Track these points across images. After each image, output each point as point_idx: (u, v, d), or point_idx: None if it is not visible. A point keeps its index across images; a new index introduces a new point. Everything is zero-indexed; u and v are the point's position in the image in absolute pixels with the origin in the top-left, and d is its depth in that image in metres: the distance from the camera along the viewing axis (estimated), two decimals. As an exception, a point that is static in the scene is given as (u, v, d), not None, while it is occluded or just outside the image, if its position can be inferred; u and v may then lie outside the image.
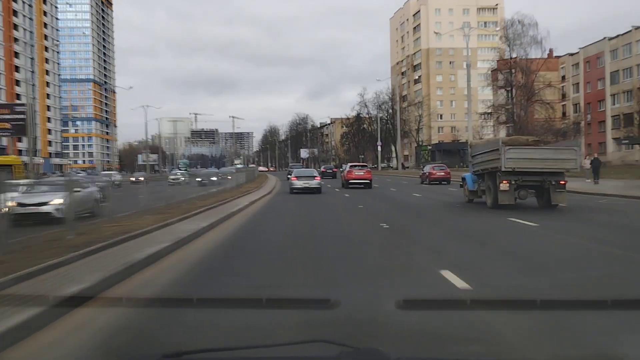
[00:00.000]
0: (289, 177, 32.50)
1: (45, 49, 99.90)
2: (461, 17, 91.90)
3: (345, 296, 5.44)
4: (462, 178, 20.75)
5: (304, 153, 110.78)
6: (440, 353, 3.97)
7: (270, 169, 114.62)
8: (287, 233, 11.99)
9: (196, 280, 7.01)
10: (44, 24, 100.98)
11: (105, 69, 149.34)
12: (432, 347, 4.09)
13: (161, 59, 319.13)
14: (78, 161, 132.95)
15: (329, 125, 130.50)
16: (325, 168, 57.18)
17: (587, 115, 63.41)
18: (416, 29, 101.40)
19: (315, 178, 28.15)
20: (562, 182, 16.39)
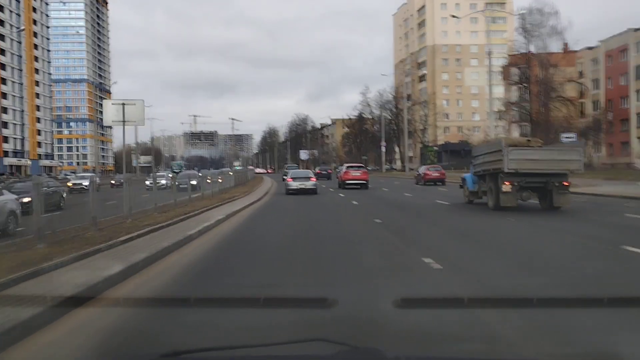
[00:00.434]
0: (284, 179, 32.47)
1: (34, 46, 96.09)
2: (468, 12, 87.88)
3: (343, 295, 5.47)
4: (462, 179, 20.59)
5: (303, 154, 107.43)
6: (438, 351, 4.02)
7: (269, 171, 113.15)
8: (285, 235, 11.68)
9: None
10: (33, 21, 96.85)
11: (100, 69, 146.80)
12: (430, 346, 4.06)
13: (161, 61, 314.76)
14: (72, 163, 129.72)
15: (329, 126, 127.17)
16: (320, 169, 57.71)
17: (609, 113, 58.70)
18: (421, 24, 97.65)
19: (311, 179, 28.45)
20: (566, 184, 16.08)
